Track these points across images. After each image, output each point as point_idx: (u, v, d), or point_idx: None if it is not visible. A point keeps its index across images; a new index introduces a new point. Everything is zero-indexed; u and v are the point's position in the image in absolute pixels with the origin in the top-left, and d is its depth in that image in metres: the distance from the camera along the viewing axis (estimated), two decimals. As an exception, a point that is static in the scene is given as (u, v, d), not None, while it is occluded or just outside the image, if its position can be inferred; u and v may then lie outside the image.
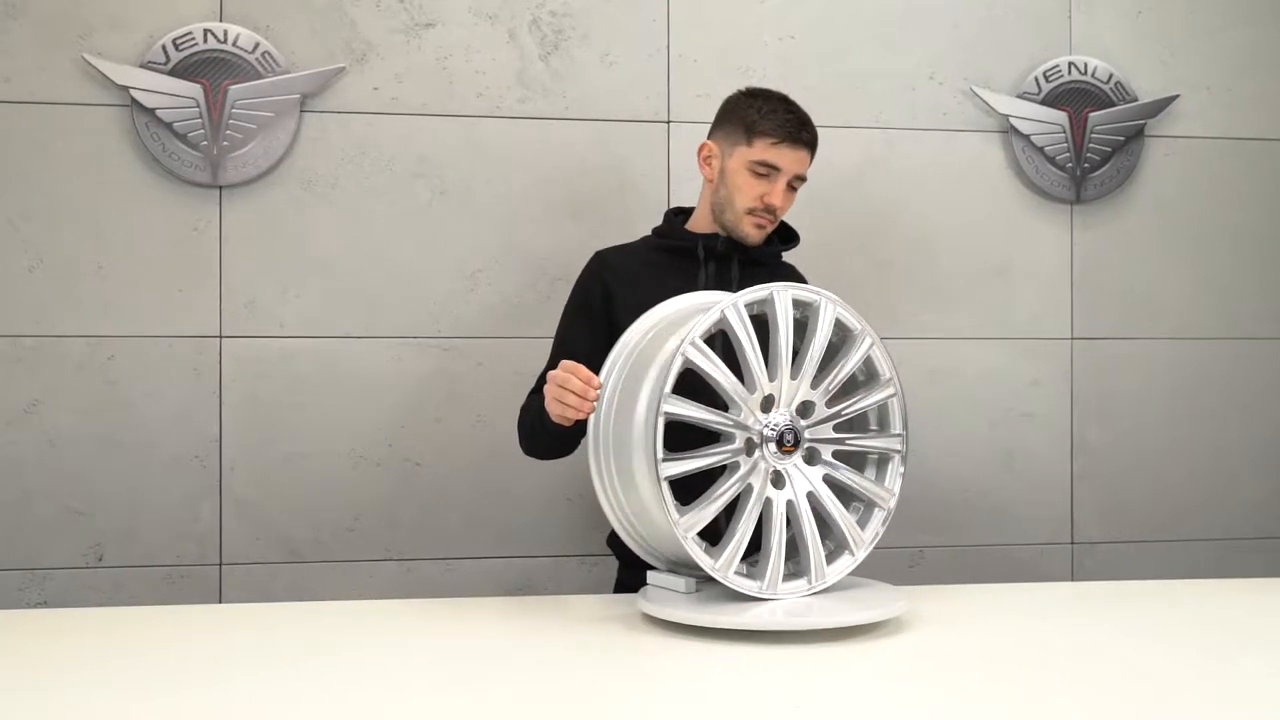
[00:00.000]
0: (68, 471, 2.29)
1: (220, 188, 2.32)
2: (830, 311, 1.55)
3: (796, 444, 1.51)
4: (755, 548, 1.56)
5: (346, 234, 2.37)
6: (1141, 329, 2.64)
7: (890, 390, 1.61)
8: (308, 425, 2.36)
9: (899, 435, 1.63)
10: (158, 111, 2.28)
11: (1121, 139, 2.60)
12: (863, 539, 1.59)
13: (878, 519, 1.62)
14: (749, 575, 1.54)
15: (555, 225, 2.43)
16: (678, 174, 2.46)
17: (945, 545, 2.57)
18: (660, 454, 1.46)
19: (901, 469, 1.64)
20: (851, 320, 1.58)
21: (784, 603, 1.51)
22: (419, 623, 1.55)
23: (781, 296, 1.52)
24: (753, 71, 2.50)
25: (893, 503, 1.63)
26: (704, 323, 1.52)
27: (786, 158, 1.83)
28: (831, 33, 2.53)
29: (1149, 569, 2.63)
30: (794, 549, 1.59)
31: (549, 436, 1.78)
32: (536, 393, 1.86)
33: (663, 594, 1.59)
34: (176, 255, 2.32)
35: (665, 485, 1.47)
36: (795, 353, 1.57)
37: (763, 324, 1.56)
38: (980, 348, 2.58)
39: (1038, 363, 2.60)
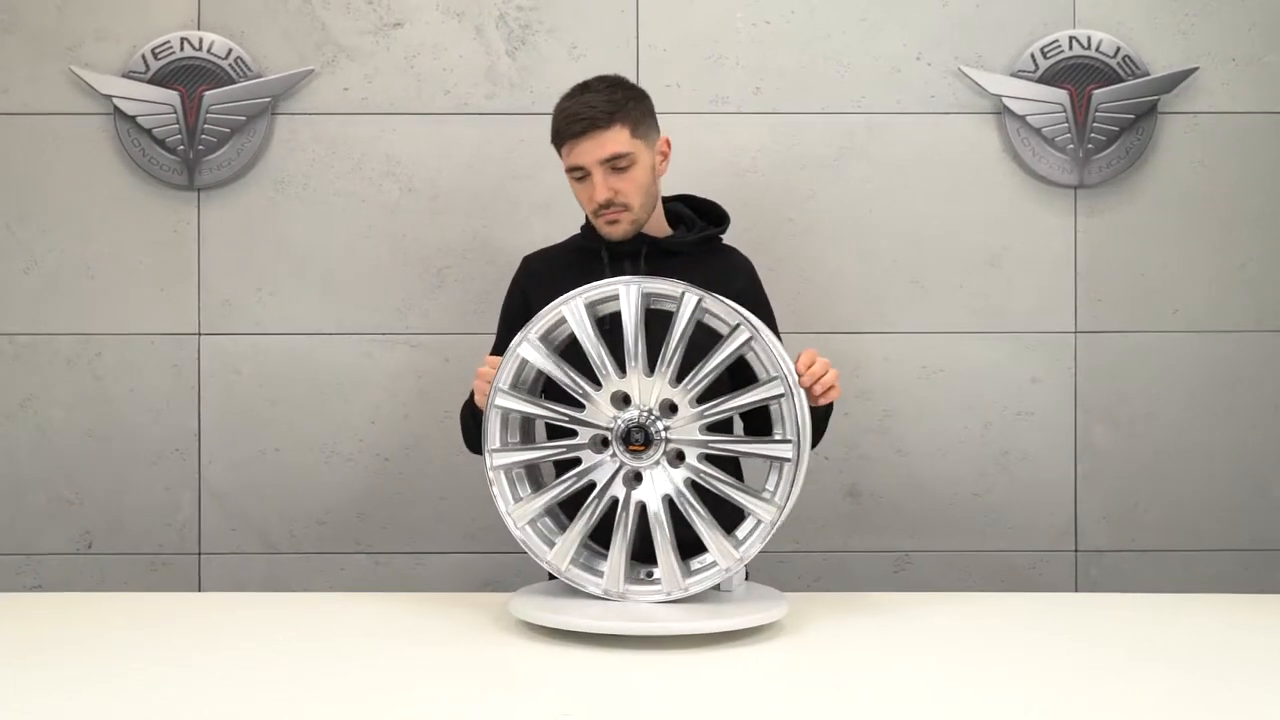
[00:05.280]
0: (59, 463, 2.41)
1: (198, 190, 2.40)
2: (690, 305, 1.48)
3: (647, 443, 1.45)
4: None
5: (317, 233, 2.42)
6: (1156, 322, 2.45)
7: (775, 390, 1.49)
8: (281, 420, 2.42)
9: (788, 442, 1.49)
10: (138, 118, 2.37)
11: (1131, 117, 2.41)
12: (729, 550, 1.48)
13: (759, 531, 1.49)
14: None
15: (522, 221, 2.42)
16: (647, 166, 2.41)
17: (934, 550, 2.44)
18: (495, 444, 1.49)
19: (794, 478, 1.48)
20: (726, 315, 1.50)
21: (627, 607, 1.46)
22: (296, 614, 1.58)
23: (628, 291, 1.48)
24: (725, 59, 2.43)
25: (772, 514, 1.48)
26: (544, 320, 1.51)
27: (581, 152, 1.74)
28: (810, 16, 2.44)
29: (1167, 581, 2.43)
30: (691, 552, 1.54)
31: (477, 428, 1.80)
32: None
33: (535, 590, 1.58)
34: (158, 256, 2.41)
35: (496, 475, 1.52)
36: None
37: (665, 318, 1.51)
38: (974, 342, 2.44)
39: (1038, 358, 2.44)
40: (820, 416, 1.73)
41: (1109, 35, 2.42)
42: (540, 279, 1.90)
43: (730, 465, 1.79)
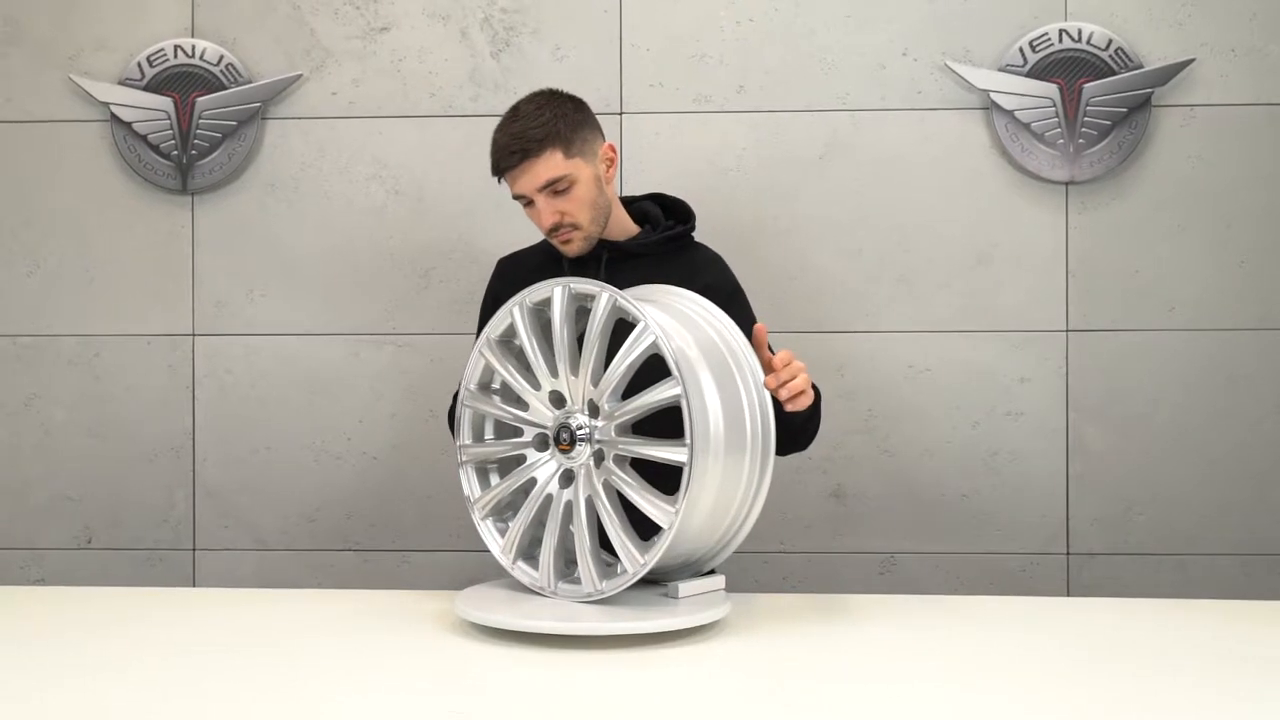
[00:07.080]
0: (61, 460, 2.48)
1: (191, 194, 2.46)
2: (605, 303, 1.47)
3: (572, 442, 1.46)
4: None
5: (307, 235, 2.46)
6: (1150, 320, 2.39)
7: (670, 390, 1.40)
8: (273, 419, 2.47)
9: (683, 446, 1.39)
10: (134, 125, 2.44)
11: (1123, 111, 2.36)
12: (634, 555, 1.43)
13: (663, 536, 1.41)
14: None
15: (506, 221, 2.43)
16: (630, 166, 2.42)
17: (921, 551, 2.42)
18: (467, 440, 1.59)
19: (688, 482, 1.38)
20: (634, 313, 1.47)
21: (559, 606, 1.47)
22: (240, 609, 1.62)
23: (556, 293, 1.49)
24: (709, 58, 2.42)
25: (667, 520, 1.40)
26: (499, 323, 1.54)
27: (520, 183, 1.74)
28: (794, 13, 2.42)
29: (1161, 585, 2.38)
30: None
31: None
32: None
33: (487, 586, 1.62)
34: (153, 259, 2.47)
35: (465, 470, 1.59)
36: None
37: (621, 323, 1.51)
38: (961, 341, 2.41)
39: (1027, 357, 2.41)
40: (796, 421, 1.68)
41: (1101, 28, 2.37)
42: (509, 281, 1.91)
43: None
